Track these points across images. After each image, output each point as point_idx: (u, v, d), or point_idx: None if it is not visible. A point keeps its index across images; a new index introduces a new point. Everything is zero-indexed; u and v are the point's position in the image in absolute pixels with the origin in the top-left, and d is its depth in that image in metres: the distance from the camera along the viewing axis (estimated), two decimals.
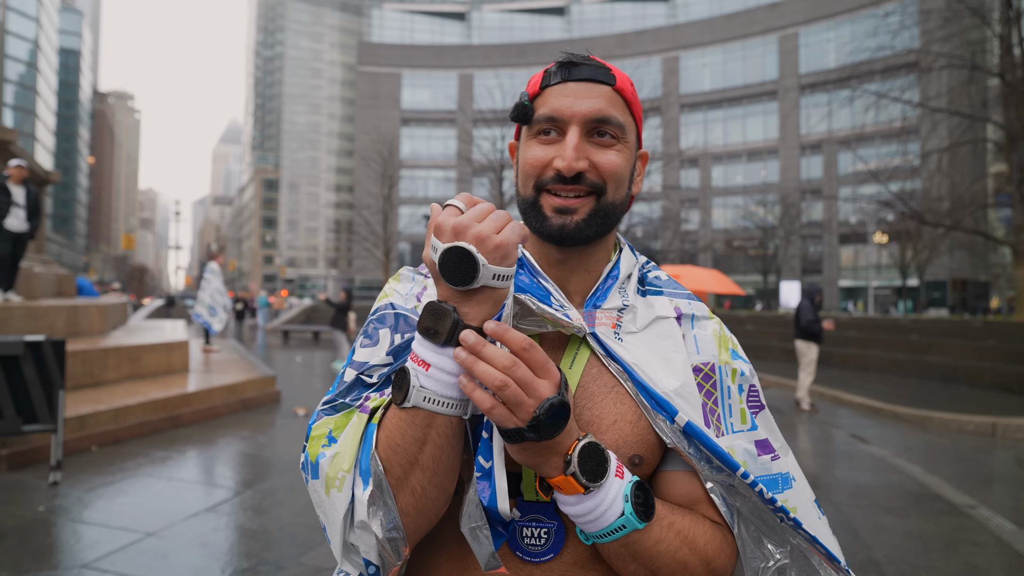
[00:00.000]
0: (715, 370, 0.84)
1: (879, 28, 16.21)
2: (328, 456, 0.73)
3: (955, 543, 4.03)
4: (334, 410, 0.77)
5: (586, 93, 0.79)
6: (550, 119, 0.80)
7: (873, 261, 40.70)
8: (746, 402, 0.84)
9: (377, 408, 0.75)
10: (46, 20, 76.04)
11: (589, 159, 0.79)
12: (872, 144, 36.86)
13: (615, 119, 0.80)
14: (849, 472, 5.92)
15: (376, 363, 0.79)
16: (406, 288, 0.87)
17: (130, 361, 7.44)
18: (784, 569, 0.79)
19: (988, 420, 7.66)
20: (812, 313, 8.72)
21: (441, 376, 0.67)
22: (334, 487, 0.72)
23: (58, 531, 3.81)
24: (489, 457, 0.71)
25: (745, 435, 0.82)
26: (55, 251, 73.47)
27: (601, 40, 51.62)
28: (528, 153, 0.82)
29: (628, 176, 0.84)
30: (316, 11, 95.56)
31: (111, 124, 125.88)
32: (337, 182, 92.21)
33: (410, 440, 0.69)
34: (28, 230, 7.45)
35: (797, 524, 0.78)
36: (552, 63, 0.84)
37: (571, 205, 0.79)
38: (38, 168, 9.78)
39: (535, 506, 0.75)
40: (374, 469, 0.69)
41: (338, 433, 0.75)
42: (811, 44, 44.56)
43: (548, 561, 0.75)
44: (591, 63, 0.82)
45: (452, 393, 0.67)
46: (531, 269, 0.83)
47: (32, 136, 69.79)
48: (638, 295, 0.87)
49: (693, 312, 0.87)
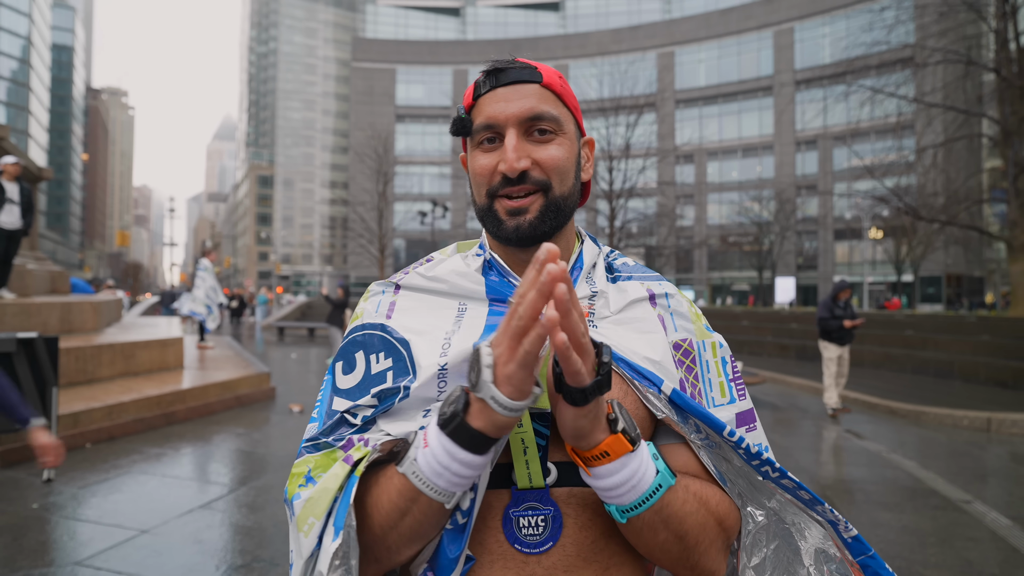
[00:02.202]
0: (693, 345, 0.86)
1: (874, 23, 16.21)
2: (302, 499, 0.74)
3: (950, 538, 4.04)
4: (316, 448, 0.78)
5: (515, 95, 0.82)
6: (487, 126, 0.82)
7: (868, 257, 40.85)
8: (725, 375, 0.87)
9: (361, 460, 0.74)
10: (38, 16, 75.39)
11: (530, 157, 0.81)
12: (867, 140, 36.94)
13: (548, 113, 0.82)
14: (844, 467, 5.94)
15: (363, 403, 0.79)
16: (374, 305, 0.89)
17: (124, 358, 7.40)
18: (761, 531, 0.81)
19: (983, 415, 7.69)
20: (827, 311, 8.28)
21: (432, 460, 0.66)
22: (302, 531, 0.73)
23: (52, 528, 3.79)
24: (467, 514, 0.72)
25: (726, 408, 0.85)
26: (49, 248, 73.02)
27: (596, 35, 51.53)
28: (475, 163, 0.85)
29: (573, 167, 0.86)
30: (310, 7, 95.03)
31: (105, 120, 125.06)
32: (332, 178, 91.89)
33: (393, 508, 0.71)
34: (22, 227, 7.39)
35: (783, 473, 0.79)
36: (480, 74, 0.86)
37: (522, 205, 0.81)
38: (31, 165, 9.70)
39: (529, 494, 0.75)
40: (347, 524, 0.70)
41: (317, 473, 0.76)
42: (806, 39, 44.57)
43: (549, 550, 0.74)
44: (516, 65, 0.84)
45: (438, 482, 0.67)
46: (500, 270, 0.87)
47: (25, 133, 69.26)
48: (608, 282, 0.90)
49: (666, 291, 0.90)
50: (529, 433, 0.75)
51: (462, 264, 0.88)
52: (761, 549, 0.81)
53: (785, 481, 0.80)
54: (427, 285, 0.88)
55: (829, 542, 0.82)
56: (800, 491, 0.80)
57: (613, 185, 24.12)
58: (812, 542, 0.82)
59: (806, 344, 15.18)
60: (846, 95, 17.18)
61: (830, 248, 43.39)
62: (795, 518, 0.82)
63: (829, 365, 8.29)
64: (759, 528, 0.81)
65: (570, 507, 0.76)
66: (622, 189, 24.14)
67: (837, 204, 42.43)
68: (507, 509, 0.75)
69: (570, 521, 0.76)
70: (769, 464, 0.79)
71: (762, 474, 0.80)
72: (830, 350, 8.29)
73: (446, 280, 0.86)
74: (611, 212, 24.01)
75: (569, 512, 0.76)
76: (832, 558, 0.82)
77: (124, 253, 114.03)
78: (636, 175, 24.79)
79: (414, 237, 50.20)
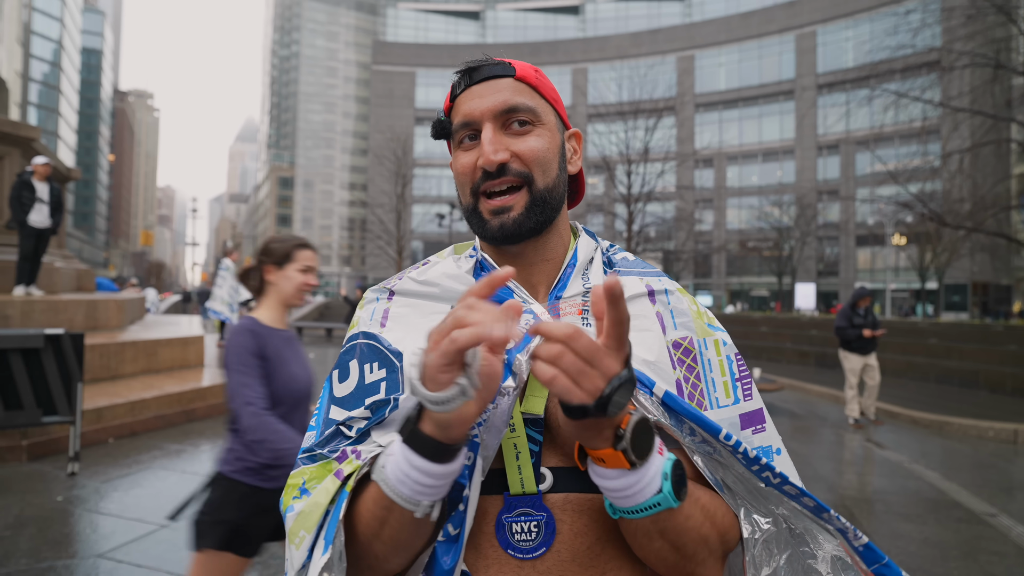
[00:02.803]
0: (694, 344, 0.83)
1: (899, 26, 15.90)
2: (295, 511, 0.75)
3: (974, 552, 3.95)
4: (312, 460, 0.79)
5: (489, 90, 0.82)
6: (465, 125, 0.82)
7: (891, 263, 40.09)
8: (730, 374, 0.84)
9: (351, 475, 0.74)
10: (69, 20, 77.35)
11: (509, 149, 0.80)
12: (891, 144, 36.27)
13: (523, 105, 0.81)
14: (864, 477, 5.84)
15: (356, 415, 0.79)
16: (368, 313, 0.88)
17: (146, 355, 7.54)
18: (770, 540, 0.78)
19: (1010, 427, 7.50)
20: (845, 319, 7.98)
21: (396, 468, 0.65)
22: (293, 544, 0.74)
23: (75, 521, 3.87)
24: (459, 524, 0.71)
25: (730, 409, 0.81)
26: (75, 247, 74.73)
27: (615, 39, 51.38)
28: (457, 163, 0.84)
29: (556, 158, 0.84)
30: (332, 10, 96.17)
31: (131, 122, 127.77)
32: (351, 180, 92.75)
33: (372, 517, 0.70)
34: (51, 226, 7.57)
35: (784, 478, 0.76)
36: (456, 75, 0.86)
37: (505, 203, 0.80)
38: (60, 165, 9.94)
39: (522, 499, 0.74)
40: (337, 539, 0.70)
41: (311, 485, 0.76)
42: (829, 43, 43.96)
43: (542, 555, 0.73)
44: (488, 62, 0.84)
45: (403, 490, 0.65)
46: (491, 270, 0.85)
47: (55, 134, 71.02)
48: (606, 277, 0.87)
49: (665, 287, 0.87)
50: (522, 438, 0.75)
51: (453, 267, 0.88)
52: (772, 560, 0.77)
53: (787, 487, 0.77)
54: (419, 290, 0.87)
55: (840, 550, 0.79)
56: (804, 498, 0.77)
57: (631, 189, 23.99)
58: (828, 549, 0.79)
59: (826, 351, 14.95)
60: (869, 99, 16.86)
61: (852, 254, 42.68)
62: (807, 525, 0.79)
63: (850, 376, 8.04)
64: (768, 537, 0.77)
65: (565, 513, 0.74)
66: (640, 193, 24.00)
67: (859, 209, 41.69)
68: (500, 515, 0.75)
69: (564, 527, 0.74)
70: (769, 469, 0.76)
71: (763, 480, 0.77)
72: (850, 360, 8.03)
73: (438, 284, 0.86)
74: (629, 216, 23.87)
75: (564, 518, 0.74)
76: (850, 566, 0.78)
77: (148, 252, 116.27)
78: (655, 179, 24.63)
79: (432, 239, 50.42)
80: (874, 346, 8.04)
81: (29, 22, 67.99)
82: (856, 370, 7.99)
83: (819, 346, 15.79)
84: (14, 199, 7.24)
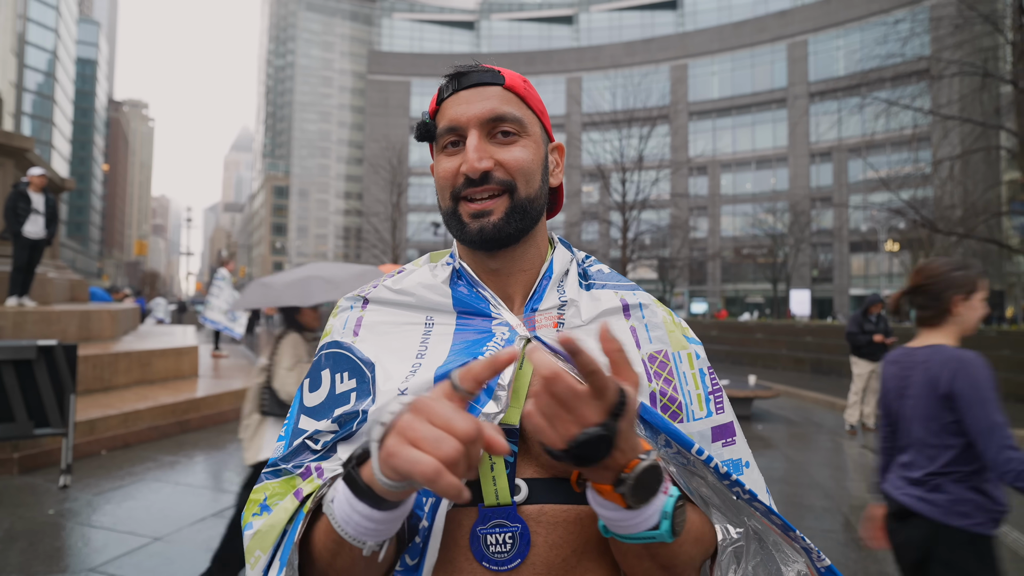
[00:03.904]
0: (668, 357, 0.83)
1: (889, 35, 16.10)
2: (253, 529, 0.75)
3: None
4: (276, 475, 0.78)
5: (477, 97, 0.81)
6: (450, 129, 0.81)
7: (884, 270, 40.29)
8: (703, 387, 0.84)
9: (310, 495, 0.73)
10: (64, 31, 77.38)
11: (494, 158, 0.80)
12: (883, 152, 36.62)
13: (510, 115, 0.81)
14: (860, 484, 5.84)
15: (323, 428, 0.78)
16: (342, 322, 0.88)
17: (140, 366, 7.49)
18: (740, 551, 0.79)
19: None
20: (856, 325, 7.97)
21: (341, 504, 0.62)
22: (249, 563, 0.74)
23: (67, 534, 3.83)
24: (416, 555, 0.72)
25: (703, 421, 0.82)
26: (69, 257, 74.35)
27: (609, 48, 51.77)
28: (439, 167, 0.83)
29: (539, 169, 0.84)
30: (327, 21, 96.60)
31: (125, 132, 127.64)
32: (347, 189, 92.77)
33: (324, 548, 0.68)
34: (45, 236, 7.54)
35: (753, 496, 0.76)
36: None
37: (486, 208, 0.80)
38: (54, 175, 9.92)
39: (497, 511, 0.73)
40: (290, 562, 0.70)
41: (273, 501, 0.76)
42: (820, 52, 44.42)
43: (517, 567, 0.72)
44: (478, 69, 0.83)
45: (348, 528, 0.62)
46: (469, 280, 0.85)
47: (49, 144, 70.84)
48: (582, 289, 0.87)
49: (640, 301, 0.87)
50: None
51: (429, 276, 0.87)
52: (740, 568, 0.78)
53: (756, 504, 0.77)
54: (394, 299, 0.86)
55: (807, 569, 0.80)
56: (771, 516, 0.78)
57: (626, 197, 24.11)
58: (795, 566, 0.80)
59: (821, 358, 14.99)
60: (861, 107, 17.03)
61: (845, 260, 42.91)
62: (776, 539, 0.81)
63: (857, 381, 8.03)
64: (736, 547, 0.78)
65: (540, 525, 0.73)
66: (635, 201, 24.11)
67: (852, 216, 42.00)
68: (475, 526, 0.73)
69: (539, 539, 0.73)
70: (739, 486, 0.76)
71: (734, 495, 0.78)
72: (859, 366, 8.01)
73: (412, 293, 0.85)
74: (624, 224, 23.96)
75: (539, 530, 0.73)
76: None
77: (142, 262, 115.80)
78: (649, 187, 24.76)
79: (427, 247, 50.42)
80: (885, 353, 8.02)
81: (23, 32, 67.99)
82: (864, 376, 7.99)
83: (814, 352, 15.84)
84: (9, 210, 7.21)
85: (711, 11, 54.28)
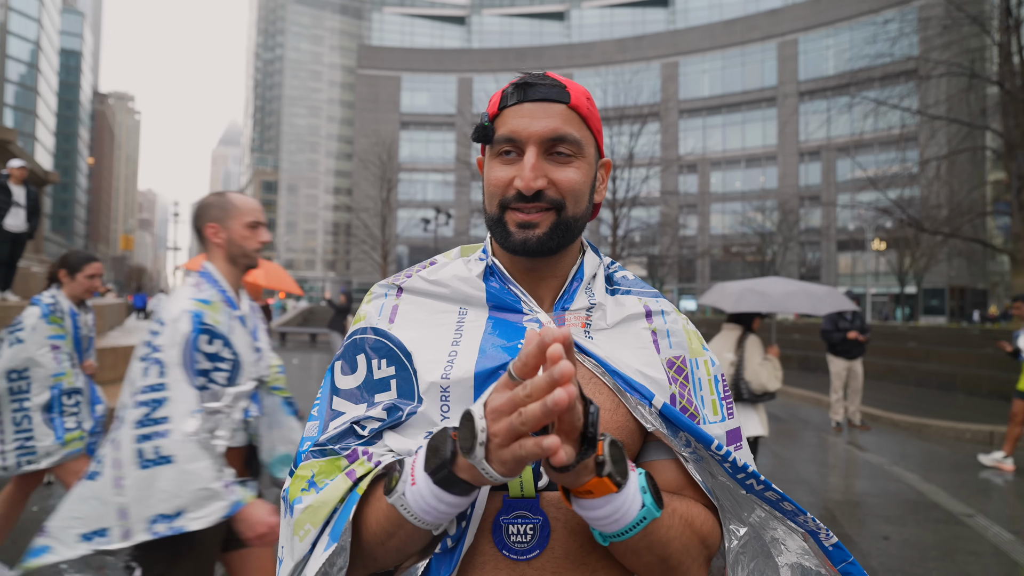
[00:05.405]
0: (686, 363, 0.88)
1: (878, 35, 16.24)
2: (303, 504, 0.77)
3: (952, 552, 4.01)
4: (322, 454, 0.80)
5: (541, 113, 0.81)
6: (509, 140, 0.82)
7: (871, 268, 40.73)
8: (717, 393, 0.89)
9: (363, 476, 0.76)
10: (47, 21, 76.11)
11: (547, 177, 0.81)
12: (871, 151, 36.96)
13: (571, 136, 0.82)
14: (846, 480, 5.91)
15: (369, 415, 0.81)
16: (376, 308, 0.90)
17: (125, 361, 7.39)
18: (745, 548, 0.83)
19: (986, 428, 7.65)
20: (830, 323, 8.03)
21: (420, 499, 0.67)
22: (297, 535, 0.76)
23: None
24: (457, 539, 0.74)
25: (718, 425, 0.87)
26: (53, 251, 73.18)
27: (600, 45, 51.77)
28: (491, 174, 0.85)
29: (588, 190, 0.87)
30: (316, 14, 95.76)
31: (111, 125, 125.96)
32: (336, 185, 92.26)
33: (380, 528, 0.73)
34: (27, 230, 7.42)
35: (768, 485, 0.81)
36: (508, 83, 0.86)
37: (533, 220, 0.82)
38: (37, 168, 9.77)
39: (520, 502, 0.76)
40: (343, 538, 0.73)
41: (320, 479, 0.78)
42: (810, 51, 44.72)
43: (536, 557, 0.75)
44: (546, 82, 0.83)
45: (426, 517, 0.68)
46: (501, 277, 0.88)
47: (32, 136, 69.75)
48: (607, 294, 0.91)
49: (662, 308, 0.91)
50: None
51: (464, 269, 0.89)
52: (745, 568, 0.83)
53: (769, 493, 0.82)
54: (429, 289, 0.89)
55: (808, 555, 0.84)
56: (783, 503, 0.82)
57: (616, 194, 24.15)
58: (788, 558, 0.84)
59: (808, 355, 15.13)
60: (849, 107, 17.18)
61: (833, 259, 43.32)
62: (773, 533, 0.84)
63: (835, 380, 8.13)
64: (742, 545, 0.83)
65: (560, 512, 0.76)
66: (625, 198, 24.16)
67: (840, 215, 42.39)
68: (498, 516, 0.76)
69: (559, 526, 0.76)
70: (754, 477, 0.80)
71: (746, 487, 0.81)
72: (835, 364, 8.11)
73: (448, 285, 0.88)
74: (614, 221, 24.02)
75: (559, 517, 0.76)
76: (809, 571, 0.84)
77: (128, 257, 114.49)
78: (639, 184, 24.82)
79: (417, 244, 50.27)
80: (861, 351, 8.07)
81: (5, 22, 66.80)
82: (841, 374, 8.08)
83: (801, 350, 15.98)
84: None
85: (702, 9, 54.49)
